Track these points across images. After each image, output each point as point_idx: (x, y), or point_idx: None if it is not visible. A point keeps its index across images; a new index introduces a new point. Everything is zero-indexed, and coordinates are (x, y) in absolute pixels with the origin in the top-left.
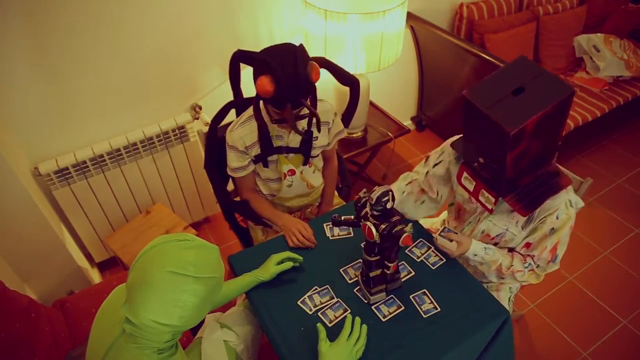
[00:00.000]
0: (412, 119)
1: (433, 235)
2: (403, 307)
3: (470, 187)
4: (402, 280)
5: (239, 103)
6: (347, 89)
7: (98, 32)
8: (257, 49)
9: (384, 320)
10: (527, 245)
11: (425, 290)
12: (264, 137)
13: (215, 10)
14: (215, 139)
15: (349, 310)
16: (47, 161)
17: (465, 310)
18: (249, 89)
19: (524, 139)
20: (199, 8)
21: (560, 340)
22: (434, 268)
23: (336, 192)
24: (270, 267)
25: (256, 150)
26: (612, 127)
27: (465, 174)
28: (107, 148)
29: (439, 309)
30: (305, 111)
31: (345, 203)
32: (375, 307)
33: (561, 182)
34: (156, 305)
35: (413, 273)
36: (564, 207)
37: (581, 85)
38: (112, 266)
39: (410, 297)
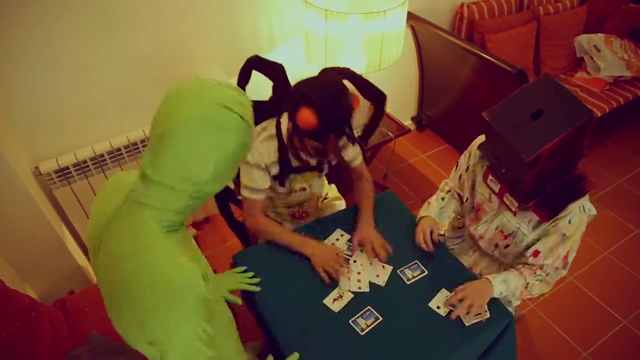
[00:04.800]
0: (413, 118)
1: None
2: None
3: (496, 189)
4: (413, 281)
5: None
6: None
7: (99, 32)
8: (258, 49)
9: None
10: (536, 253)
11: (443, 289)
12: (283, 156)
13: (215, 10)
14: None
15: (380, 320)
16: (47, 160)
17: None
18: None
19: (541, 162)
20: (199, 8)
21: (561, 340)
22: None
23: (334, 187)
24: (221, 289)
25: (275, 170)
26: (613, 127)
27: (490, 176)
28: (107, 148)
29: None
30: (343, 141)
31: (343, 200)
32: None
33: (585, 187)
34: (194, 144)
35: (426, 272)
36: (578, 211)
37: (582, 85)
38: None
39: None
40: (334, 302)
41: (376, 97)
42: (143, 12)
